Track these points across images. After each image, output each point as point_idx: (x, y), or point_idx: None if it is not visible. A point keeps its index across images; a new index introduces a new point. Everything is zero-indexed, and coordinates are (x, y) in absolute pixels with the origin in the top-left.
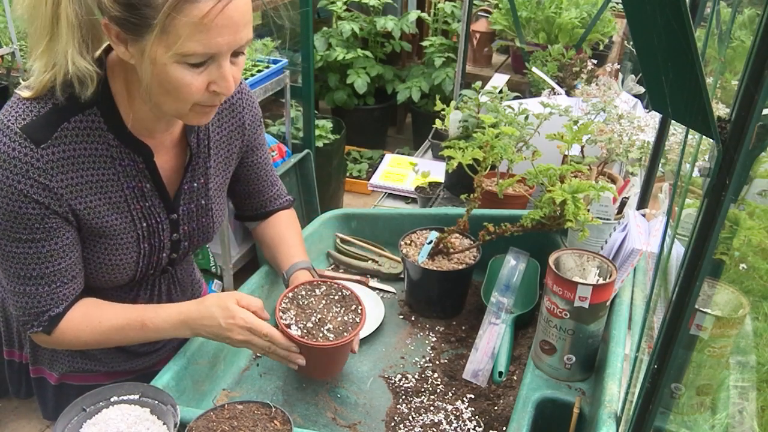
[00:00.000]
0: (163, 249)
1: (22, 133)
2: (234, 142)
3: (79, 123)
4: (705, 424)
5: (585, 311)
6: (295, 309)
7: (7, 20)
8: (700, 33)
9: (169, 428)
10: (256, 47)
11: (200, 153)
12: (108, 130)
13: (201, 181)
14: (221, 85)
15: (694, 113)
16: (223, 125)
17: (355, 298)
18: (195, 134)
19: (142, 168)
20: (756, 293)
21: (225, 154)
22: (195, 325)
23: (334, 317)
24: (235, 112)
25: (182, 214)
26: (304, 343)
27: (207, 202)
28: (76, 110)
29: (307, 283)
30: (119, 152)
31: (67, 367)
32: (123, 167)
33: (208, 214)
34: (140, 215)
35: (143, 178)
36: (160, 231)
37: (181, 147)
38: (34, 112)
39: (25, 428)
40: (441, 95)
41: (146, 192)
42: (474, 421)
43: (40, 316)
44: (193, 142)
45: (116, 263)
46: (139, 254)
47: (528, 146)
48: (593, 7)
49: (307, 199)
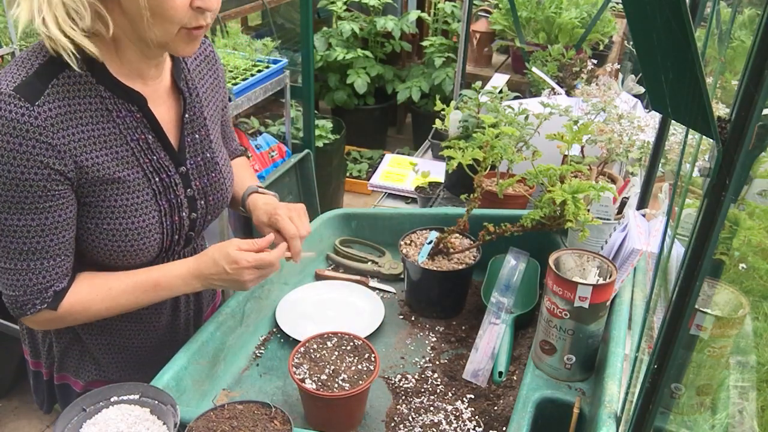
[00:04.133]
0: (182, 207)
1: (15, 93)
2: (217, 94)
3: (67, 79)
4: (705, 424)
5: (585, 311)
6: (308, 363)
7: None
8: (700, 33)
9: (169, 428)
10: (256, 47)
11: (193, 102)
12: (97, 82)
13: (202, 133)
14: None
15: (694, 113)
16: (205, 77)
17: (367, 346)
18: (184, 82)
19: (140, 117)
20: (756, 293)
21: (214, 106)
22: (204, 277)
23: (348, 367)
24: (211, 64)
25: (191, 168)
26: (320, 395)
27: (212, 156)
28: (64, 65)
29: (317, 336)
30: (113, 103)
31: (94, 374)
32: (121, 119)
33: (216, 168)
34: (151, 168)
35: (144, 129)
36: (174, 185)
37: (174, 98)
38: (22, 74)
39: (25, 428)
40: (441, 95)
41: (151, 144)
42: (474, 421)
43: (44, 293)
44: (184, 89)
45: (141, 227)
46: (160, 212)
47: (528, 146)
48: (593, 7)
49: (307, 199)
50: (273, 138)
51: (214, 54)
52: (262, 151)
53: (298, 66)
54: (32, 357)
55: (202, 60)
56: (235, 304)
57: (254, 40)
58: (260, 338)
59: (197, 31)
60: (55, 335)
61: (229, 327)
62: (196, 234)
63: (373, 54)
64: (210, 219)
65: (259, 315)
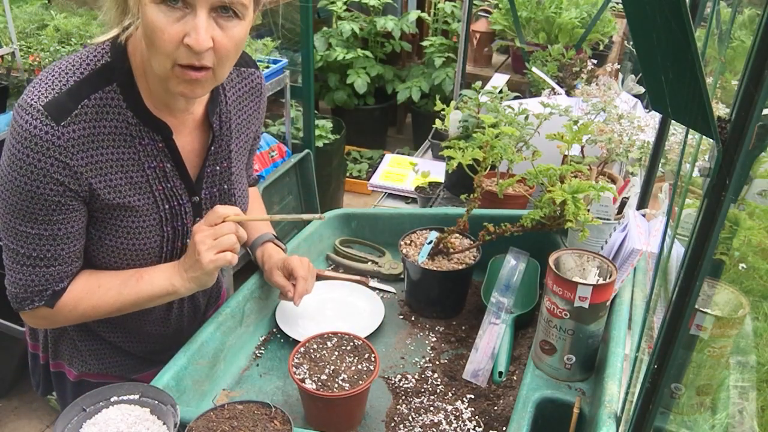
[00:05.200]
0: (186, 234)
1: (44, 110)
2: (252, 126)
3: (99, 100)
4: (705, 424)
5: (585, 311)
6: (308, 363)
7: (7, 20)
8: (700, 33)
9: (169, 428)
10: (256, 47)
11: (222, 135)
12: (127, 107)
13: (224, 165)
14: (192, 37)
15: (694, 113)
16: (244, 108)
17: (367, 347)
18: (217, 116)
19: (162, 147)
20: (756, 293)
21: (245, 138)
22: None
23: (348, 367)
24: (255, 95)
25: (204, 198)
26: (320, 395)
27: (230, 187)
28: (96, 86)
29: (317, 336)
30: (138, 130)
31: (86, 366)
32: (143, 146)
33: (230, 200)
34: (162, 196)
35: (164, 158)
36: (183, 214)
37: (203, 129)
38: (56, 89)
39: (25, 428)
40: (441, 95)
41: (168, 172)
42: (474, 421)
43: (43, 292)
44: (215, 124)
45: (140, 248)
46: (163, 238)
47: (528, 146)
48: (593, 7)
49: (307, 199)
50: (273, 138)
51: (261, 87)
52: (262, 151)
53: (298, 66)
54: (31, 339)
55: (246, 91)
56: (235, 304)
57: (254, 40)
58: (260, 338)
59: (195, 73)
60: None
61: (229, 327)
62: None
63: (373, 54)
64: None
65: (259, 315)
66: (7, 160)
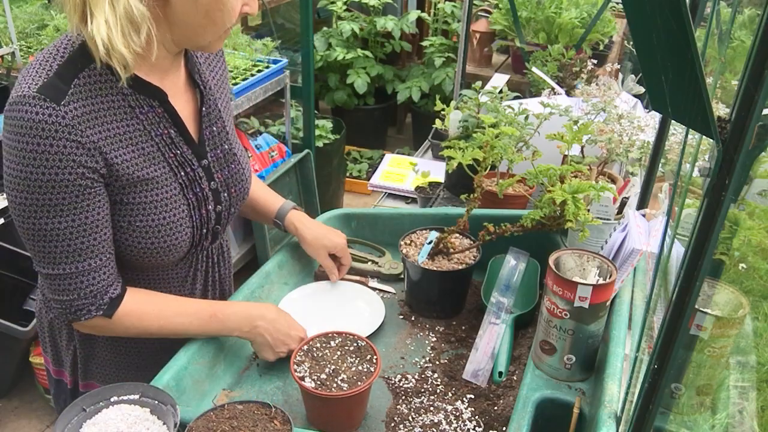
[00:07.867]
0: (207, 200)
1: (40, 95)
2: (224, 87)
3: (88, 78)
4: (705, 424)
5: (585, 311)
6: (309, 361)
7: (7, 20)
8: (700, 33)
9: (169, 428)
10: (256, 47)
11: (208, 95)
12: (118, 79)
13: (219, 125)
14: (252, 6)
15: (694, 113)
16: (214, 70)
17: (370, 348)
18: (198, 75)
19: (161, 113)
20: (756, 293)
21: (224, 98)
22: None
23: (348, 368)
24: (219, 57)
25: (212, 160)
26: (317, 394)
27: (230, 147)
28: (82, 65)
29: (321, 335)
30: (135, 99)
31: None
32: (144, 114)
33: (234, 159)
34: (176, 163)
35: (166, 124)
36: (198, 178)
37: (190, 92)
38: (42, 76)
39: (25, 428)
40: (441, 95)
41: (174, 139)
42: (474, 421)
43: (99, 298)
44: (199, 81)
45: (170, 220)
46: (189, 206)
47: (528, 146)
48: (593, 7)
49: (307, 199)
50: (273, 138)
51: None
52: (262, 151)
53: (298, 66)
54: (54, 365)
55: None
56: None
57: (254, 40)
58: None
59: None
60: (80, 342)
61: None
62: (222, 228)
63: (373, 54)
64: (233, 212)
65: None
66: (16, 158)
